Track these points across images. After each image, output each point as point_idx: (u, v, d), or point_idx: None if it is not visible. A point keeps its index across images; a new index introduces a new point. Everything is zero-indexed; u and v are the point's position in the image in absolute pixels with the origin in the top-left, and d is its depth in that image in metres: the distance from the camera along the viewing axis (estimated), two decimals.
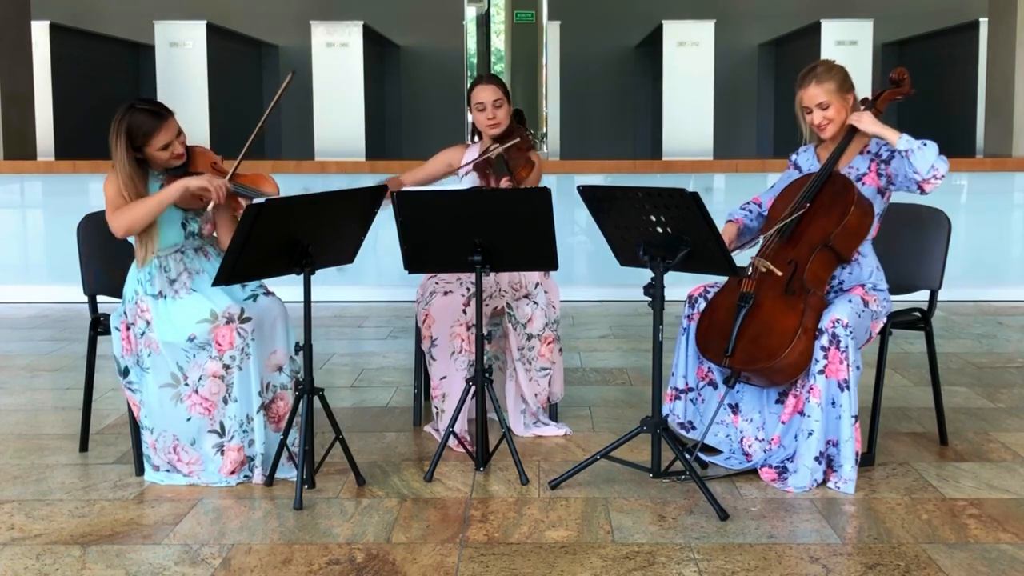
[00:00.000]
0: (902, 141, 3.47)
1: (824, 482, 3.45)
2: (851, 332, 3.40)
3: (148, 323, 3.51)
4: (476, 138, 4.32)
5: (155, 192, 3.49)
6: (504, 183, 3.99)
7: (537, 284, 4.08)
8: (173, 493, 3.46)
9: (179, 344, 3.47)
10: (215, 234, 3.69)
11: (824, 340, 3.41)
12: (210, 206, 3.53)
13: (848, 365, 3.40)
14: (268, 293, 3.68)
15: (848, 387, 3.41)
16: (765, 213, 3.84)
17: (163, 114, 3.48)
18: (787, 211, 3.60)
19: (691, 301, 3.75)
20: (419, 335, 4.10)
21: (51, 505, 3.36)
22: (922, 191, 3.50)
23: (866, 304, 3.54)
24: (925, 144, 3.45)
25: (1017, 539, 3.04)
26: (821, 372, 3.42)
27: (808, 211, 3.56)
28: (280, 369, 3.60)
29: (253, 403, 3.50)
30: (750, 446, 3.64)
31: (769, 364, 3.43)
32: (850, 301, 3.50)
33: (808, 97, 3.63)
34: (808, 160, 3.79)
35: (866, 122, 3.56)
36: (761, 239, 3.66)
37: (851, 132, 3.64)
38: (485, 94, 4.14)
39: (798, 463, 3.44)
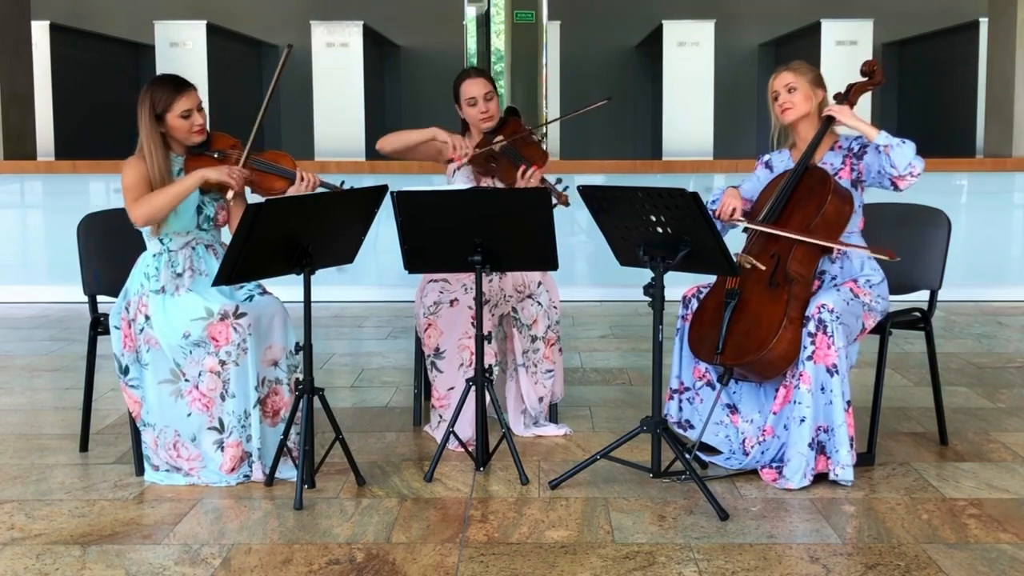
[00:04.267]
0: (881, 136, 3.50)
1: (823, 474, 3.45)
2: (838, 317, 3.41)
3: (147, 318, 3.53)
4: (465, 132, 4.21)
5: (177, 180, 3.56)
6: (533, 172, 3.90)
7: (539, 283, 4.07)
8: (173, 493, 3.46)
9: (175, 341, 3.48)
10: (227, 227, 3.71)
11: (811, 326, 3.43)
12: (229, 194, 3.58)
13: (835, 350, 3.41)
14: (264, 293, 3.69)
15: (837, 371, 3.41)
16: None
17: (184, 84, 3.63)
18: (768, 207, 3.62)
19: (685, 302, 3.76)
20: (419, 340, 4.09)
21: (51, 505, 3.36)
22: (896, 188, 3.52)
23: (856, 296, 3.55)
24: (904, 141, 3.48)
25: (1017, 539, 3.04)
26: (809, 358, 3.43)
27: (788, 203, 3.60)
28: (276, 364, 3.60)
29: (250, 398, 3.51)
30: (752, 447, 3.63)
31: (758, 356, 3.44)
32: (837, 290, 3.52)
33: (779, 80, 3.68)
34: (783, 161, 3.81)
35: (847, 115, 3.60)
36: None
37: (825, 126, 3.66)
38: (475, 88, 4.08)
39: (791, 451, 3.45)
